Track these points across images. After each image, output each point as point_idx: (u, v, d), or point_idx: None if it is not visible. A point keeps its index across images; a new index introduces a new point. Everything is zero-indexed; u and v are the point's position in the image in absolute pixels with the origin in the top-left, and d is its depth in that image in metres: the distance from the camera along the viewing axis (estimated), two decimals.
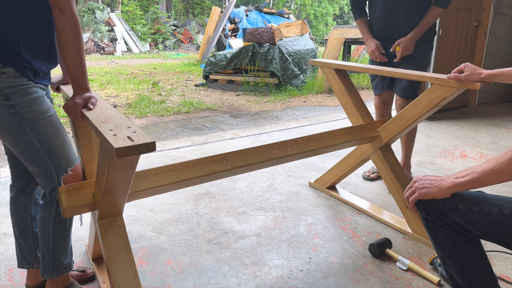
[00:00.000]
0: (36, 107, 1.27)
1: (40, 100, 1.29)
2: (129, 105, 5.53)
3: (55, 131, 1.32)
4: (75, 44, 1.23)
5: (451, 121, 4.36)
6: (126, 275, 1.28)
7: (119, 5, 17.73)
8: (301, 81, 6.77)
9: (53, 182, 1.34)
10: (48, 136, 1.30)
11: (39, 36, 1.28)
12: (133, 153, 0.92)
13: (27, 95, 1.26)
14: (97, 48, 14.17)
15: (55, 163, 1.33)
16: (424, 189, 1.17)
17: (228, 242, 2.00)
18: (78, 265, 1.79)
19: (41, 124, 1.28)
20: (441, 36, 4.33)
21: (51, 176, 1.33)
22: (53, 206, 1.39)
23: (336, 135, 1.97)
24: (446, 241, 1.17)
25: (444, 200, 1.15)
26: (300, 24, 7.88)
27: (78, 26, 1.23)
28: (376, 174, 2.77)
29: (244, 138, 3.86)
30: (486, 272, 1.17)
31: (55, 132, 1.32)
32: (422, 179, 1.20)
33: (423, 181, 1.19)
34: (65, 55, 1.24)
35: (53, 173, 1.33)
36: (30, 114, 1.26)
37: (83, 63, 1.28)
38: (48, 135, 1.30)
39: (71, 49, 1.23)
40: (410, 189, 1.22)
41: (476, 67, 1.59)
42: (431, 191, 1.16)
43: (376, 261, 1.84)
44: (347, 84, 2.26)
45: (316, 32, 23.40)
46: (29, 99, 1.26)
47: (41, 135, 1.28)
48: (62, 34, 1.22)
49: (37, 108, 1.27)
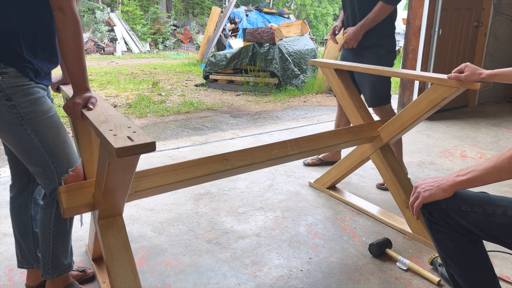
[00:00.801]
0: (38, 107, 1.27)
1: (42, 100, 1.29)
2: (129, 105, 5.53)
3: (56, 132, 1.32)
4: (75, 44, 1.23)
5: (451, 121, 4.36)
6: (126, 275, 1.28)
7: (119, 5, 17.72)
8: (301, 81, 6.77)
9: (54, 182, 1.34)
10: (50, 137, 1.30)
11: (40, 36, 1.28)
12: (133, 153, 0.92)
13: (29, 96, 1.26)
14: (97, 48, 14.16)
15: (56, 163, 1.33)
16: (426, 192, 1.16)
17: (228, 242, 2.00)
18: (78, 265, 1.79)
19: (43, 125, 1.28)
20: (441, 36, 4.33)
21: (52, 177, 1.33)
22: (53, 206, 1.39)
23: (336, 135, 1.97)
24: (448, 242, 1.16)
25: (447, 201, 1.14)
26: (300, 24, 7.88)
27: (78, 26, 1.23)
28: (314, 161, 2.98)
29: (244, 138, 3.86)
30: (488, 274, 1.17)
31: (56, 132, 1.32)
32: (423, 183, 1.19)
33: (424, 185, 1.18)
34: (66, 55, 1.24)
35: (54, 174, 1.33)
36: (31, 115, 1.26)
37: (83, 63, 1.28)
38: (49, 136, 1.30)
39: (72, 49, 1.23)
40: (413, 196, 1.21)
41: (476, 67, 1.58)
42: (434, 193, 1.15)
43: (376, 261, 1.84)
44: (347, 84, 2.26)
45: (316, 32, 23.40)
46: (31, 100, 1.26)
47: (42, 136, 1.28)
48: (62, 34, 1.22)
49: (38, 109, 1.27)
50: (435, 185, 1.15)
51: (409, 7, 4.38)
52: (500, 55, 5.10)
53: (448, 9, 4.30)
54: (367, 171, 2.90)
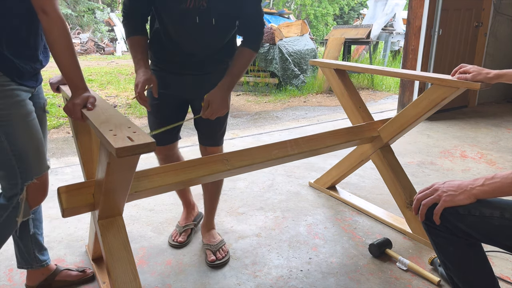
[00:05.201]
0: (15, 110, 1.24)
1: (20, 104, 1.26)
2: (129, 105, 5.53)
3: (29, 137, 1.29)
4: (64, 45, 1.21)
5: (451, 121, 4.36)
6: (126, 275, 1.28)
7: (119, 5, 17.73)
8: (301, 81, 6.77)
9: (15, 188, 1.31)
10: (21, 142, 1.27)
11: (22, 34, 1.26)
12: (133, 153, 0.92)
13: (7, 98, 1.22)
14: (97, 48, 14.15)
15: (22, 169, 1.29)
16: (448, 197, 1.10)
17: (228, 242, 2.00)
18: (78, 265, 1.79)
19: (17, 128, 1.25)
20: (441, 36, 4.33)
21: (15, 182, 1.30)
22: (6, 211, 1.33)
23: (336, 135, 1.97)
24: (447, 245, 1.16)
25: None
26: (300, 24, 7.88)
27: (64, 26, 1.21)
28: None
29: (244, 138, 3.86)
30: (487, 276, 1.16)
31: (29, 138, 1.29)
32: (443, 186, 1.14)
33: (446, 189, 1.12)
34: (57, 57, 1.22)
35: (18, 179, 1.30)
36: (6, 118, 1.23)
37: (76, 63, 1.25)
38: (21, 141, 1.27)
39: (62, 50, 1.21)
40: (432, 197, 1.14)
41: (482, 68, 1.59)
42: (457, 199, 1.10)
43: (376, 261, 1.84)
44: (347, 84, 2.25)
45: (316, 32, 23.39)
46: (9, 102, 1.23)
47: (13, 140, 1.25)
48: (50, 36, 1.19)
49: (15, 112, 1.24)
50: (459, 191, 1.10)
51: (409, 7, 4.38)
52: (500, 55, 5.09)
53: (448, 9, 4.30)
54: (367, 171, 2.90)
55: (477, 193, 1.08)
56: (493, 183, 1.06)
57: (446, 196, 1.11)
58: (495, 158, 3.21)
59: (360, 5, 25.16)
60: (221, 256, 1.83)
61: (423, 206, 1.15)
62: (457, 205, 1.10)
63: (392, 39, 9.81)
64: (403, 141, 3.57)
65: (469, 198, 1.09)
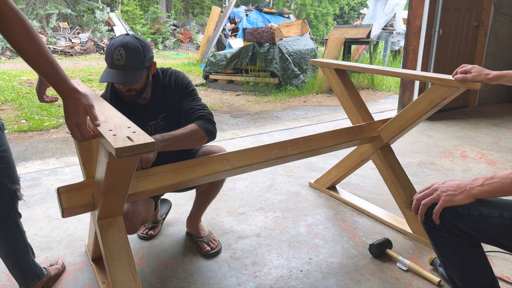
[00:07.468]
0: None
1: None
2: None
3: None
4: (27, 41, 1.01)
5: (451, 121, 4.36)
6: (126, 275, 1.27)
7: (118, 5, 17.72)
8: (301, 81, 6.76)
9: None
10: None
11: None
12: (133, 153, 0.92)
13: None
14: (96, 48, 14.16)
15: None
16: (448, 197, 1.10)
17: (228, 242, 2.00)
18: (77, 265, 1.79)
19: None
20: (441, 36, 4.33)
21: None
22: None
23: (336, 135, 1.97)
24: (446, 245, 1.15)
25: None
26: (300, 24, 7.87)
27: (23, 20, 1.02)
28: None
29: (244, 138, 3.85)
30: (487, 276, 1.16)
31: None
32: (443, 186, 1.13)
33: (445, 188, 1.12)
34: (27, 58, 1.02)
35: None
36: None
37: (52, 60, 1.04)
38: None
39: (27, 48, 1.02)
40: (431, 197, 1.14)
41: (482, 68, 1.58)
42: (457, 199, 1.09)
43: (376, 262, 1.83)
44: (347, 84, 2.25)
45: (316, 32, 23.38)
46: None
47: None
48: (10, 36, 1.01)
49: None
50: (458, 191, 1.10)
51: (409, 7, 4.38)
52: (501, 55, 5.09)
53: (448, 9, 4.30)
54: (367, 171, 2.90)
55: (477, 193, 1.08)
56: (493, 183, 1.06)
57: (446, 196, 1.11)
58: (496, 158, 3.21)
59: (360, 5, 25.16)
60: (214, 245, 1.93)
61: (423, 206, 1.15)
62: (457, 205, 1.10)
63: (392, 39, 9.81)
64: (403, 141, 3.57)
65: (469, 198, 1.09)
